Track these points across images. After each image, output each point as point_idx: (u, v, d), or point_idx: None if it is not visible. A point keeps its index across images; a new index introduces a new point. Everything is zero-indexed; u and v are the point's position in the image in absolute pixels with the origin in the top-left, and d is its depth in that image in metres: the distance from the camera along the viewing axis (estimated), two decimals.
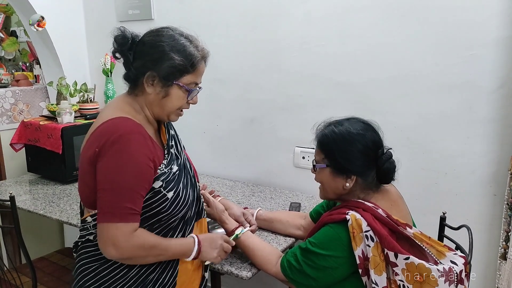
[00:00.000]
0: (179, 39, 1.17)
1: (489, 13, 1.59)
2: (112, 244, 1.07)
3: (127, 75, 1.21)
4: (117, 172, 1.07)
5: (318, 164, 1.28)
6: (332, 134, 1.25)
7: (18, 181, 2.30)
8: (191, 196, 1.25)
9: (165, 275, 1.20)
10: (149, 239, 1.14)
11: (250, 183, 2.24)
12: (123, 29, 1.18)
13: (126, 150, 1.08)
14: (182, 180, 1.22)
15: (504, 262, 1.61)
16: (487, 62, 1.62)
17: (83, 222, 1.20)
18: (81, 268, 1.19)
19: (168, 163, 1.20)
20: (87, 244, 1.19)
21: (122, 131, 1.09)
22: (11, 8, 3.14)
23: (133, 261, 1.15)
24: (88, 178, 1.14)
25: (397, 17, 1.76)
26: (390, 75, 1.81)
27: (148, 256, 1.15)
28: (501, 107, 1.63)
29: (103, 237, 1.08)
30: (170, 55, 1.14)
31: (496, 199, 1.69)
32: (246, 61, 2.17)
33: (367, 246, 1.12)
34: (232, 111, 2.27)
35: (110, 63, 2.55)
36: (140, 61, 1.16)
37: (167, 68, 1.14)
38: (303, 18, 1.97)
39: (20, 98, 2.69)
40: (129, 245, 1.09)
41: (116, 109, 1.17)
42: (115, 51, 1.19)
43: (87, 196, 1.18)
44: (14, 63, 3.31)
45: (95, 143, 1.11)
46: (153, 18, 2.43)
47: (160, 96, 1.17)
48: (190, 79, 1.18)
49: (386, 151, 1.26)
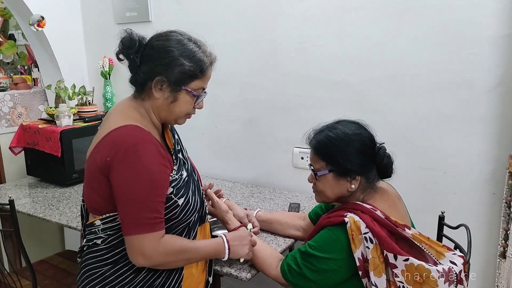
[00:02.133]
0: (188, 44, 1.17)
1: (486, 12, 1.59)
2: (141, 254, 1.09)
3: (134, 79, 1.20)
4: (134, 185, 1.08)
5: (319, 171, 1.26)
6: (328, 138, 1.24)
7: (17, 184, 2.30)
8: (198, 201, 1.26)
9: (171, 279, 1.20)
10: (176, 244, 1.15)
11: (249, 184, 2.24)
12: (130, 32, 1.16)
13: (139, 161, 1.08)
14: (191, 187, 1.23)
15: (504, 261, 1.62)
16: (485, 61, 1.62)
17: (90, 226, 1.19)
18: (87, 273, 1.18)
19: (178, 169, 1.21)
20: (94, 249, 1.18)
21: (134, 141, 1.09)
22: (9, 12, 3.14)
23: (165, 267, 1.17)
24: (96, 185, 1.14)
25: (394, 16, 1.76)
26: (388, 74, 1.82)
27: (179, 261, 1.17)
28: (498, 105, 1.63)
29: (132, 248, 1.10)
30: (181, 60, 1.14)
31: (494, 197, 1.69)
32: (244, 62, 2.17)
33: (366, 248, 1.12)
34: (230, 112, 2.27)
35: (108, 66, 2.55)
36: (148, 65, 1.16)
37: (177, 73, 1.14)
38: (301, 18, 1.98)
39: (18, 102, 2.69)
40: (157, 253, 1.10)
41: (124, 116, 1.17)
42: (119, 52, 1.18)
43: (95, 202, 1.17)
44: (12, 67, 3.31)
45: (105, 152, 1.10)
46: (150, 20, 2.43)
47: (168, 101, 1.17)
48: (198, 84, 1.19)
49: (381, 146, 1.26)
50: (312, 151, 1.28)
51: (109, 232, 1.15)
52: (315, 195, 1.33)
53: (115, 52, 1.19)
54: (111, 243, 1.16)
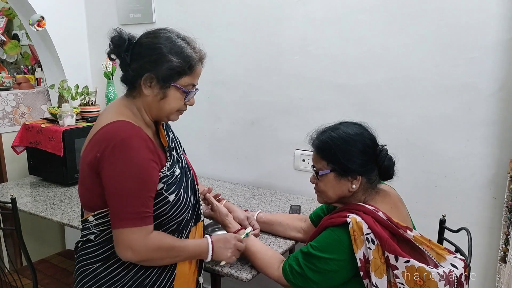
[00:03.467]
0: (177, 41, 1.17)
1: (488, 16, 1.60)
2: (129, 248, 1.09)
3: (124, 77, 1.21)
4: (122, 178, 1.08)
5: (321, 171, 1.27)
6: (331, 138, 1.25)
7: (19, 183, 2.30)
8: (192, 200, 1.26)
9: (162, 277, 1.20)
10: (165, 241, 1.16)
11: (250, 186, 2.24)
12: (119, 30, 1.18)
13: (128, 155, 1.09)
14: (183, 184, 1.23)
15: (504, 265, 1.61)
16: (487, 65, 1.63)
17: (84, 222, 1.21)
18: (81, 269, 1.19)
19: (171, 166, 1.21)
20: (88, 245, 1.19)
21: (122, 136, 1.10)
22: (13, 12, 3.16)
23: (150, 263, 1.16)
24: (88, 181, 1.15)
25: (397, 20, 1.77)
26: (390, 77, 1.82)
27: (166, 258, 1.17)
28: (500, 109, 1.64)
29: (120, 242, 1.10)
30: (168, 57, 1.14)
31: (495, 201, 1.69)
32: (246, 64, 2.18)
33: (368, 248, 1.13)
34: (232, 113, 2.28)
35: (111, 66, 2.57)
36: (137, 62, 1.17)
37: (165, 70, 1.15)
38: (304, 21, 1.98)
39: (21, 101, 2.70)
40: (146, 248, 1.11)
41: (115, 113, 1.18)
42: (110, 52, 1.19)
43: (88, 200, 1.19)
44: (16, 66, 3.33)
45: (95, 148, 1.12)
46: (154, 22, 2.44)
47: (158, 98, 1.18)
48: (187, 80, 1.19)
49: (383, 148, 1.27)
50: (314, 151, 1.29)
51: (101, 228, 1.16)
52: (317, 195, 1.33)
53: (107, 51, 1.20)
54: (102, 238, 1.16)
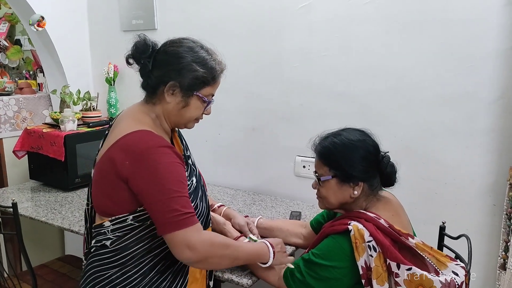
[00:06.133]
0: (200, 52, 1.20)
1: (488, 26, 1.62)
2: (186, 247, 1.07)
3: (145, 83, 1.22)
4: (160, 184, 1.08)
5: (322, 177, 1.27)
6: (333, 144, 1.26)
7: (20, 188, 2.31)
8: (205, 208, 1.27)
9: (176, 282, 1.21)
10: (218, 237, 1.16)
11: (251, 192, 2.25)
12: (143, 37, 1.19)
13: (158, 160, 1.09)
14: (199, 192, 1.24)
15: (504, 272, 1.62)
16: (487, 74, 1.65)
17: (98, 227, 1.19)
18: (93, 276, 1.18)
19: (190, 175, 1.22)
20: (102, 251, 1.18)
21: (149, 144, 1.11)
22: (16, 17, 3.18)
23: (210, 263, 1.14)
24: (108, 187, 1.14)
25: (398, 29, 1.79)
26: (391, 85, 1.84)
27: (223, 256, 1.14)
28: (500, 117, 1.65)
29: (175, 245, 1.07)
30: (194, 66, 1.16)
31: (495, 209, 1.70)
32: (248, 71, 2.20)
33: (370, 256, 1.13)
34: (234, 120, 2.29)
35: (113, 72, 2.58)
36: (161, 70, 1.18)
37: (190, 79, 1.17)
38: (305, 30, 2.00)
39: (23, 106, 2.71)
40: (202, 243, 1.08)
41: (135, 121, 1.18)
42: (131, 56, 1.20)
43: (104, 205, 1.17)
44: (17, 71, 3.34)
45: (121, 156, 1.11)
46: (156, 28, 2.46)
47: (179, 106, 1.20)
48: (209, 90, 1.22)
49: (385, 155, 1.28)
50: (316, 156, 1.30)
51: (118, 234, 1.15)
52: (319, 201, 1.34)
53: (126, 55, 1.21)
54: (119, 245, 1.15)
